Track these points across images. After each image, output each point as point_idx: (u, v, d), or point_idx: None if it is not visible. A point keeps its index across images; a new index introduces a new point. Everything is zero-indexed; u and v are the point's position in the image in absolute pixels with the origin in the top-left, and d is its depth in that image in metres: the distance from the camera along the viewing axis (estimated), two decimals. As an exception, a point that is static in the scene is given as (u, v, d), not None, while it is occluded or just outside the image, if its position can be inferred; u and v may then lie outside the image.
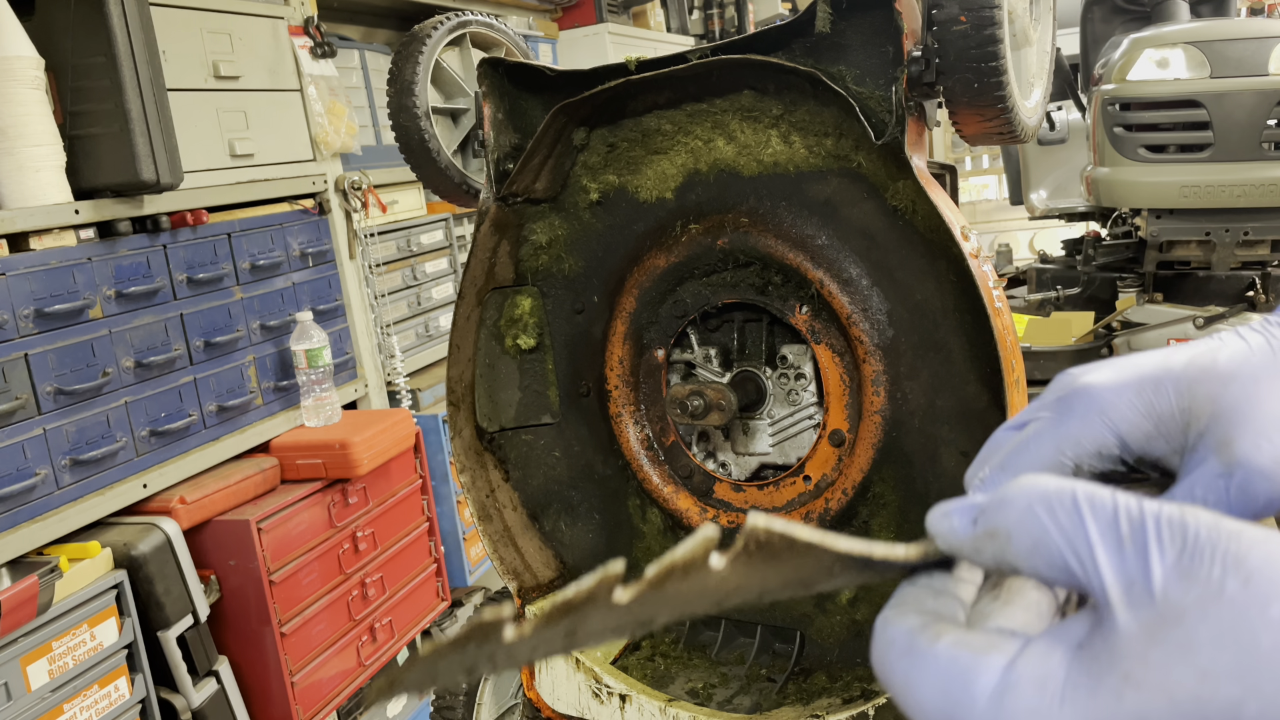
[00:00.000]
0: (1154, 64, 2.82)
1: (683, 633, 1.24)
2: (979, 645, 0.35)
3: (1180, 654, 0.30)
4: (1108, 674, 0.32)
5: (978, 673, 0.34)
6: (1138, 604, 0.32)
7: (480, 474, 1.27)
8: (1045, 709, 0.32)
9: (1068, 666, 0.33)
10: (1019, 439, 0.46)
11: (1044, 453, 0.45)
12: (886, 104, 0.97)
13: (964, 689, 0.34)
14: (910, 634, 0.37)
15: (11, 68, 1.60)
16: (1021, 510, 0.34)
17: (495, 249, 1.23)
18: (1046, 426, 0.45)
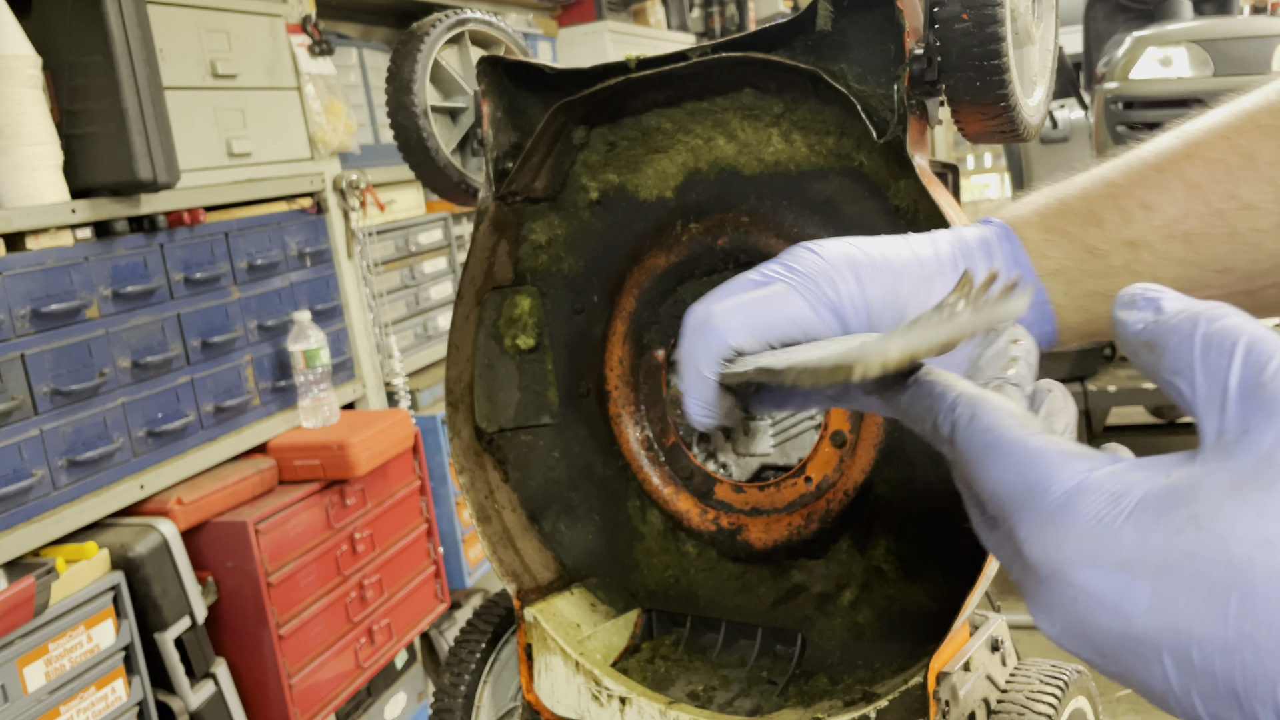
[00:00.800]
0: (1157, 62, 2.81)
1: (683, 635, 1.23)
2: (1068, 448, 0.37)
3: (1253, 516, 0.31)
4: (1178, 508, 0.32)
5: (1060, 469, 0.36)
6: (1237, 456, 0.32)
7: (479, 475, 1.26)
8: (1110, 519, 0.34)
9: (1145, 490, 0.34)
10: (761, 295, 0.53)
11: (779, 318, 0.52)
12: (888, 102, 0.96)
13: (1043, 477, 0.36)
14: (997, 412, 0.39)
15: (8, 66, 1.59)
16: (1183, 338, 0.35)
17: (494, 248, 1.22)
18: (784, 295, 0.52)
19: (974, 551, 0.99)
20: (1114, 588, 0.33)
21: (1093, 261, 0.52)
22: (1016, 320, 0.42)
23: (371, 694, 2.25)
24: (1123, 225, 0.52)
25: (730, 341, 0.52)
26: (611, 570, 1.29)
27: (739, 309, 0.52)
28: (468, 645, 1.33)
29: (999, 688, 1.06)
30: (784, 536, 1.18)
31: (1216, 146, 0.52)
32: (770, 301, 0.52)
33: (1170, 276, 0.51)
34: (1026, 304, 0.41)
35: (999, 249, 0.54)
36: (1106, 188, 0.53)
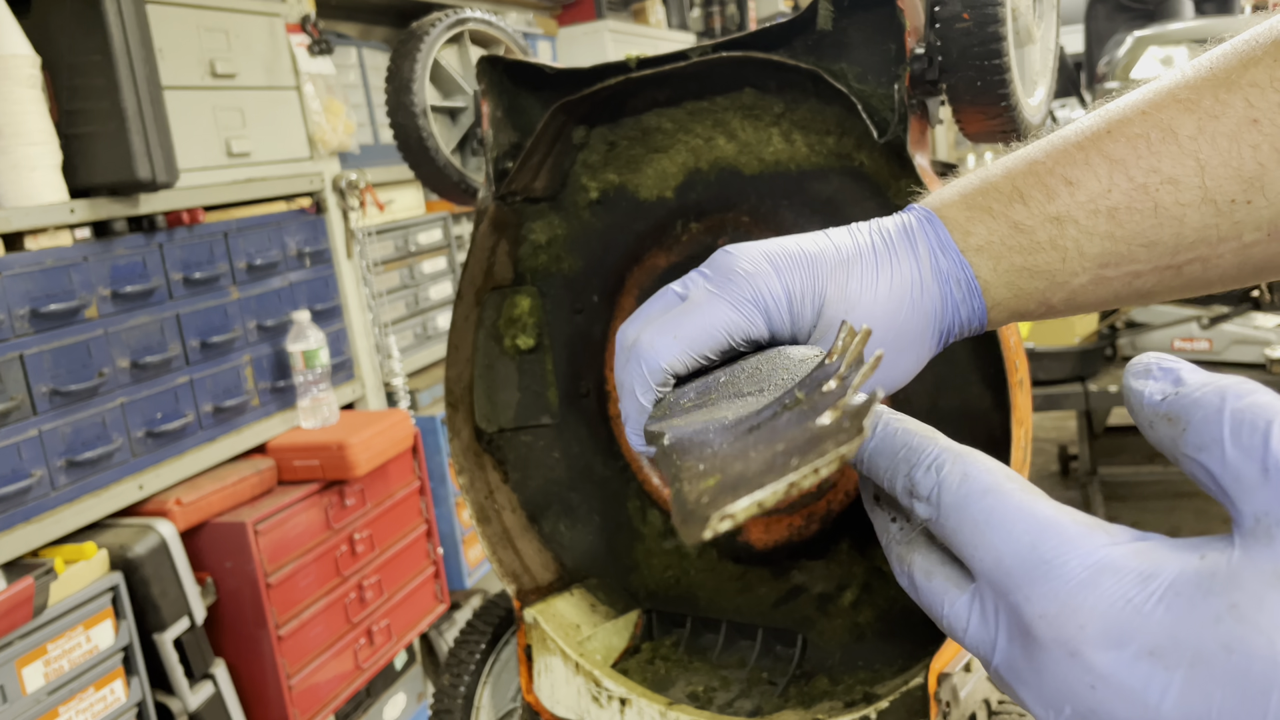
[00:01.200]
0: (1158, 62, 2.81)
1: (683, 636, 1.23)
2: (1080, 519, 0.35)
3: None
4: (1216, 596, 0.31)
5: (1079, 542, 0.34)
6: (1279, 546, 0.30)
7: (479, 475, 1.26)
8: (1139, 601, 0.32)
9: (1177, 573, 0.32)
10: (684, 309, 0.53)
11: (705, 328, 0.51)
12: (889, 102, 0.96)
13: (1059, 551, 0.34)
14: (994, 474, 0.37)
15: (7, 66, 1.59)
16: (1209, 412, 0.33)
17: (494, 248, 1.22)
18: (706, 302, 0.52)
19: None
20: (1139, 675, 0.31)
21: (1018, 237, 0.52)
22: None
23: (371, 695, 2.24)
24: (1046, 201, 0.51)
25: (662, 365, 0.51)
26: (611, 571, 1.29)
27: (665, 328, 0.52)
28: (467, 646, 1.32)
29: (1000, 689, 1.06)
30: (784, 537, 1.18)
31: (1137, 123, 0.51)
32: (693, 312, 0.52)
33: (1096, 251, 0.51)
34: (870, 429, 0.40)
35: (920, 232, 0.53)
36: (1029, 165, 0.53)
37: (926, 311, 0.52)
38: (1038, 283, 0.52)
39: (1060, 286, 0.53)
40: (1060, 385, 2.81)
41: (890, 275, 0.52)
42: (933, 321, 0.53)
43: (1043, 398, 2.79)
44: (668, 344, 0.51)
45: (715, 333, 0.51)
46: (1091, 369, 2.87)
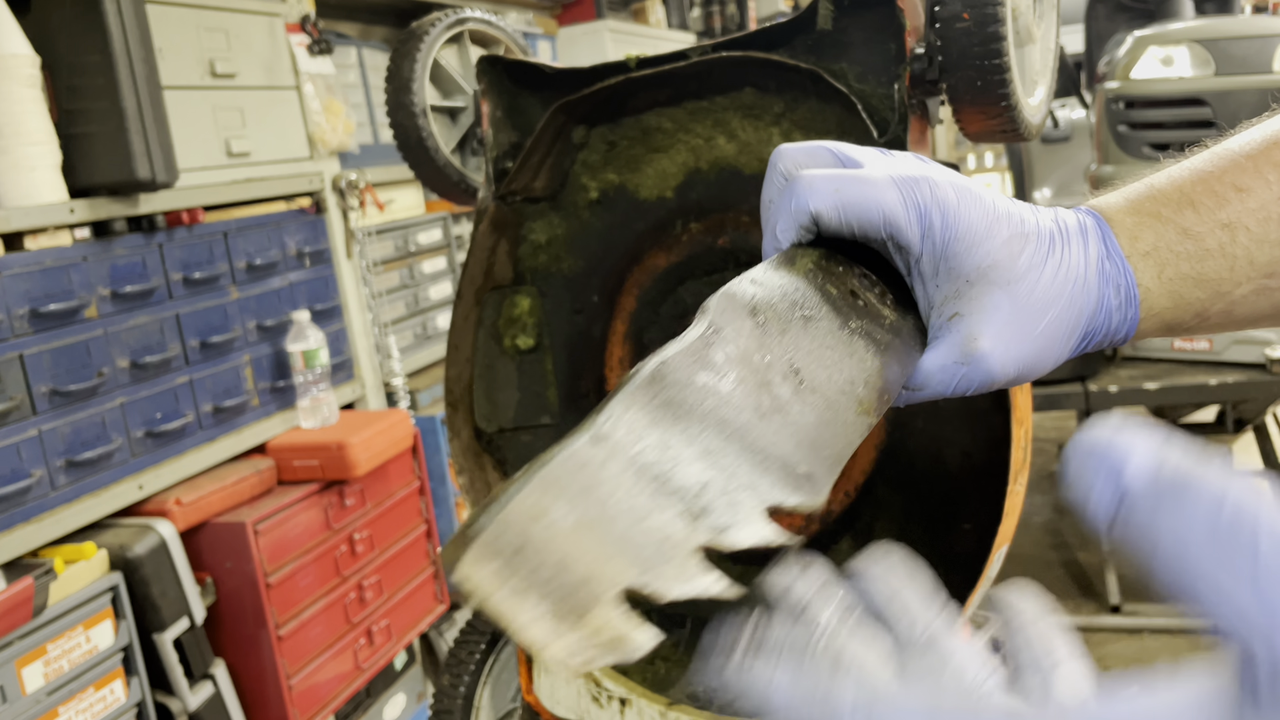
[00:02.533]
0: (1158, 62, 2.81)
1: (683, 636, 1.23)
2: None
3: None
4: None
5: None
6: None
7: (479, 475, 1.26)
8: None
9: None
10: (856, 174, 0.49)
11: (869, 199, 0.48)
12: (889, 102, 0.96)
13: None
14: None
15: (7, 66, 1.58)
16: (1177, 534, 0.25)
17: (494, 248, 1.22)
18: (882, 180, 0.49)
19: (975, 552, 0.99)
20: None
21: (1186, 243, 0.51)
22: None
23: (371, 695, 2.24)
24: (1216, 208, 0.51)
25: (811, 209, 0.49)
26: (611, 571, 1.29)
27: (832, 179, 0.49)
28: (467, 646, 1.32)
29: (1000, 689, 1.06)
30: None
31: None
32: (864, 180, 0.49)
33: (1266, 259, 0.50)
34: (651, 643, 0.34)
35: (1094, 232, 0.52)
36: (1196, 174, 0.52)
37: (1080, 309, 0.51)
38: (1201, 292, 0.51)
39: (1222, 297, 0.52)
40: (1060, 385, 2.81)
41: (1059, 263, 0.50)
42: (1083, 321, 0.51)
43: (1043, 398, 2.79)
44: (827, 193, 0.49)
45: (874, 211, 0.49)
46: (1091, 369, 2.87)
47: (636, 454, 0.37)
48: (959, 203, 0.49)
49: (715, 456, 0.39)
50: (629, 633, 0.31)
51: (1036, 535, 3.47)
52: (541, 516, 0.32)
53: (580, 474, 0.34)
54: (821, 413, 0.45)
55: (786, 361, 0.46)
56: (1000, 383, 0.51)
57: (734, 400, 0.42)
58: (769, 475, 0.41)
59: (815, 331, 0.48)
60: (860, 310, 0.50)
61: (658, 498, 0.36)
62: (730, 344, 0.45)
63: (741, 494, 0.39)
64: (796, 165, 0.52)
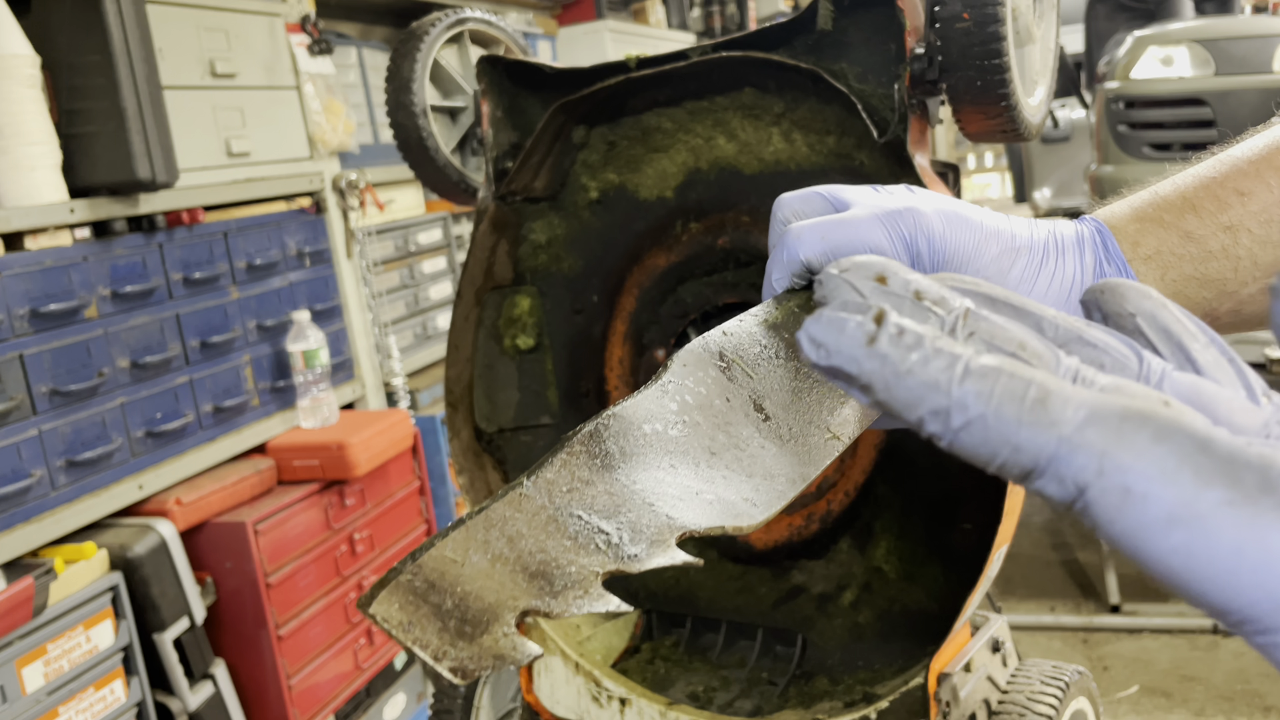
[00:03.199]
0: (1158, 61, 2.81)
1: (683, 636, 1.23)
2: None
3: None
4: None
5: None
6: None
7: (479, 475, 1.26)
8: None
9: None
10: (840, 219, 0.52)
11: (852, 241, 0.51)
12: (889, 102, 0.96)
13: None
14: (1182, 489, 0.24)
15: (7, 66, 1.58)
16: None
17: (494, 248, 1.22)
18: (864, 220, 0.51)
19: (975, 552, 0.99)
20: None
21: (1189, 246, 0.52)
22: None
23: (371, 695, 2.24)
24: (1218, 211, 0.52)
25: (801, 257, 0.52)
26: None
27: (818, 227, 0.52)
28: (467, 646, 1.32)
29: (1000, 688, 1.06)
30: (784, 537, 1.18)
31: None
32: (848, 225, 0.52)
33: (1270, 259, 0.52)
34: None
35: (1090, 239, 0.53)
36: (1198, 180, 0.54)
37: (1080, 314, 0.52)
38: (1206, 292, 0.53)
39: (1229, 296, 0.53)
40: (1060, 385, 2.81)
41: (1052, 272, 0.52)
42: None
43: (1043, 397, 2.79)
44: (814, 241, 0.52)
45: (860, 249, 0.51)
46: (1092, 369, 2.86)
47: (562, 504, 0.40)
48: (945, 228, 0.51)
49: (646, 496, 0.42)
50: (518, 648, 0.36)
51: (1036, 535, 3.47)
52: (456, 562, 0.36)
53: (500, 525, 0.38)
54: (784, 443, 0.47)
55: (750, 401, 0.48)
56: None
57: (681, 443, 0.45)
58: (697, 506, 0.43)
59: (785, 370, 0.50)
60: None
61: (578, 537, 0.39)
62: (688, 393, 0.47)
63: (658, 524, 0.41)
64: (794, 213, 0.55)
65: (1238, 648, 2.64)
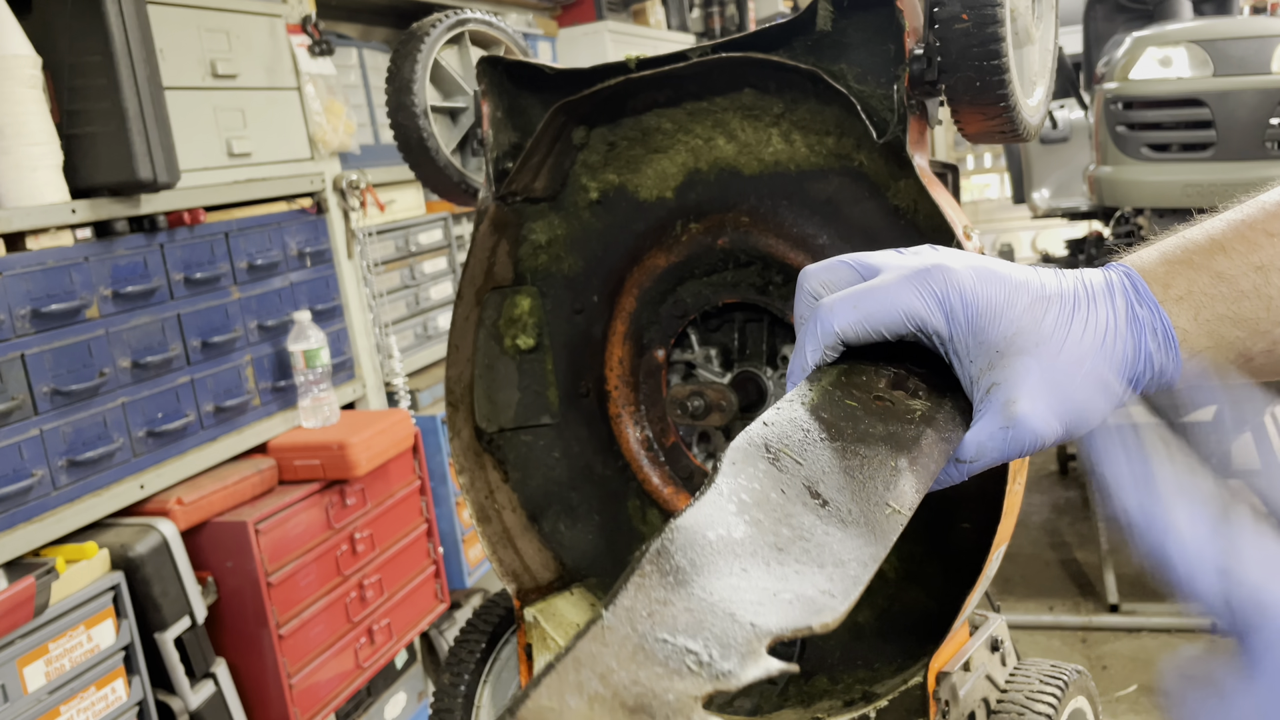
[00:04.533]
0: (1157, 62, 2.81)
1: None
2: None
3: None
4: None
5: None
6: None
7: (479, 475, 1.26)
8: None
9: None
10: (869, 286, 0.54)
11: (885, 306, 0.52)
12: (888, 102, 0.96)
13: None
14: None
15: (8, 66, 1.59)
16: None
17: (494, 248, 1.22)
18: (894, 284, 0.53)
19: (974, 552, 0.99)
20: None
21: (1220, 286, 0.53)
22: None
23: (371, 694, 2.25)
24: (1249, 252, 0.53)
25: (835, 329, 0.53)
26: (611, 570, 1.30)
27: (849, 297, 0.53)
28: (468, 645, 1.33)
29: (999, 687, 1.06)
30: (784, 536, 1.18)
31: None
32: (879, 291, 0.53)
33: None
34: None
35: (1119, 285, 0.54)
36: (1227, 224, 0.55)
37: (1118, 358, 0.53)
38: (1239, 331, 0.53)
39: (1262, 336, 0.54)
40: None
41: (1085, 319, 0.53)
42: (1123, 368, 0.53)
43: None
44: (847, 311, 0.53)
45: (894, 313, 0.53)
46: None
47: (646, 630, 0.40)
48: (975, 282, 0.52)
49: (726, 606, 0.42)
50: None
51: (1035, 535, 3.47)
52: (554, 709, 0.36)
53: (589, 663, 0.38)
54: (847, 527, 0.47)
55: (805, 489, 0.48)
56: (1050, 440, 0.53)
57: (748, 544, 0.45)
58: (778, 608, 0.43)
59: (833, 451, 0.51)
60: (884, 413, 0.54)
61: (667, 662, 0.39)
62: (744, 492, 0.47)
63: (746, 635, 0.41)
64: (821, 285, 0.56)
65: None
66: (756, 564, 0.44)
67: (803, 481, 0.48)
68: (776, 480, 0.48)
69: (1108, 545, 2.97)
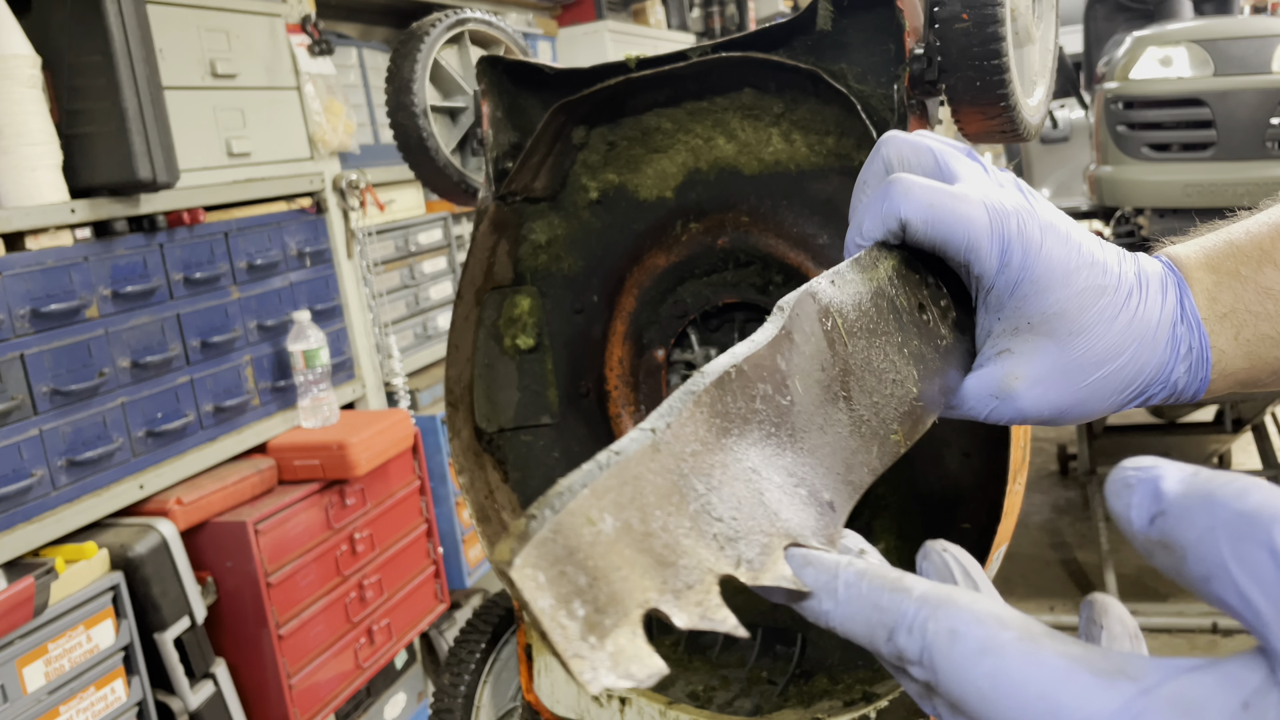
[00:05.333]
0: (1157, 62, 2.81)
1: (683, 635, 1.23)
2: (1100, 664, 0.30)
3: None
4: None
5: (1100, 694, 0.29)
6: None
7: (479, 475, 1.26)
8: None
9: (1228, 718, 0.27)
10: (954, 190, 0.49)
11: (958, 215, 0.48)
12: (888, 102, 0.96)
13: (1082, 708, 0.29)
14: (984, 623, 0.32)
15: (8, 66, 1.59)
16: (1201, 532, 0.28)
17: (494, 248, 1.22)
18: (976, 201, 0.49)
19: (974, 551, 0.99)
20: None
21: (1266, 303, 0.51)
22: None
23: (371, 694, 2.25)
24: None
25: (901, 215, 0.49)
26: (611, 570, 1.29)
27: (926, 190, 0.49)
28: (467, 645, 1.33)
29: (999, 688, 1.06)
30: (784, 536, 1.18)
31: None
32: (957, 200, 0.48)
33: None
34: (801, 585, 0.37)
35: (1172, 290, 0.51)
36: (1275, 230, 0.52)
37: (1142, 366, 0.50)
38: (1278, 351, 0.51)
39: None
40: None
41: (1130, 319, 0.50)
42: (1142, 379, 0.51)
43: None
44: (920, 204, 0.48)
45: (960, 233, 0.48)
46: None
47: (688, 469, 0.36)
48: (1043, 242, 0.48)
49: (755, 480, 0.39)
50: (644, 658, 0.31)
51: (1036, 535, 3.47)
52: (592, 524, 0.32)
53: (633, 484, 0.34)
54: (859, 437, 0.45)
55: (841, 378, 0.45)
56: (1032, 420, 0.51)
57: (788, 417, 0.42)
58: (797, 504, 0.40)
59: (875, 349, 0.47)
60: (921, 329, 0.50)
61: (696, 518, 0.36)
62: (798, 353, 0.44)
63: (768, 525, 0.38)
64: (899, 159, 0.52)
65: (1237, 646, 2.64)
66: (788, 444, 0.41)
67: (841, 368, 0.45)
68: (822, 356, 0.44)
69: (1108, 545, 2.97)
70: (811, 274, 1.06)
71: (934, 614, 0.33)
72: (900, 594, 0.34)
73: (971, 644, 0.32)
